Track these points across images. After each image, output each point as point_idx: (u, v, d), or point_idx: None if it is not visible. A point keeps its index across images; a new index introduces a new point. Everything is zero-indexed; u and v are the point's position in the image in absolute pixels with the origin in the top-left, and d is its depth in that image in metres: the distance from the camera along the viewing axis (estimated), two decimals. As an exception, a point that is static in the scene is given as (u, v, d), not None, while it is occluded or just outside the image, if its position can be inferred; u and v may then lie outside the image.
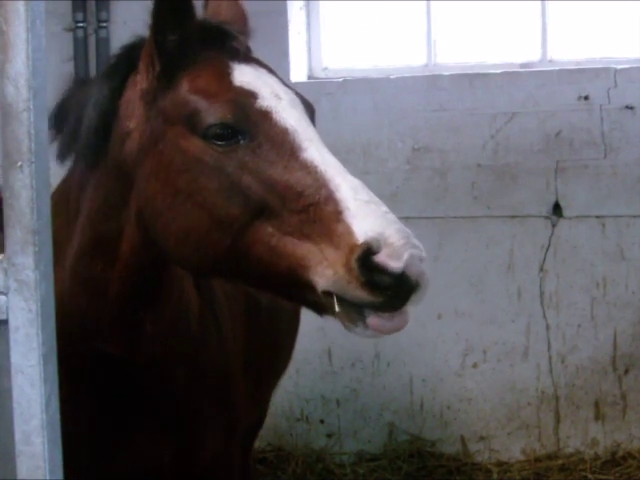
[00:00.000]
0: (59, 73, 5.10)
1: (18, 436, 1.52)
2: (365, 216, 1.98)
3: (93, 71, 5.24)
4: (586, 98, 4.94)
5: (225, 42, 2.32)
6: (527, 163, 5.01)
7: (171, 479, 2.66)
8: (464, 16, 5.34)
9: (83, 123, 2.36)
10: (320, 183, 2.04)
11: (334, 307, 2.00)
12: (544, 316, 5.05)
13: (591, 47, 5.21)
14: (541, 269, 5.05)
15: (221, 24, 2.38)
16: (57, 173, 2.43)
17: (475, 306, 5.10)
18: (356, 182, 2.07)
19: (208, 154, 2.14)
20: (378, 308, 1.97)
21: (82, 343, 2.44)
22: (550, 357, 5.06)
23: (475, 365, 5.14)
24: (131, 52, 2.39)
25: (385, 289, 1.93)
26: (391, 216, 2.00)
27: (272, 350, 3.36)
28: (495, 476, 4.98)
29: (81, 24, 5.30)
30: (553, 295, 5.04)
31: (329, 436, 5.29)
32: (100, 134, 2.33)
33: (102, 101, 2.33)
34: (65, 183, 2.56)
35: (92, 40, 5.32)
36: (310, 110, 2.31)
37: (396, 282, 1.92)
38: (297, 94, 2.30)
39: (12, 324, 1.51)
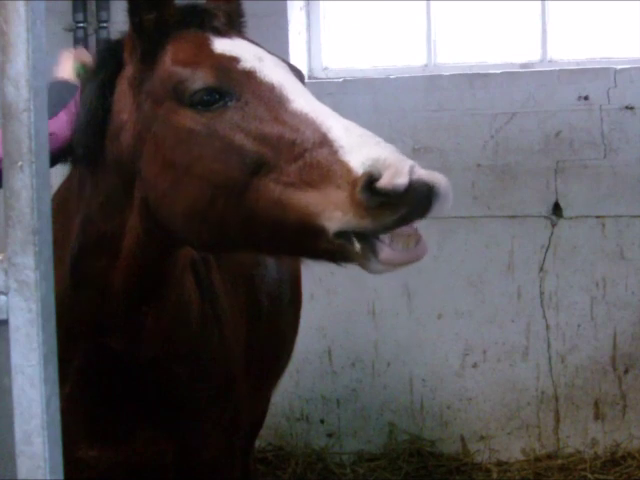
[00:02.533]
0: (59, 73, 5.11)
1: (18, 436, 1.52)
2: (360, 148, 1.95)
3: (93, 71, 5.24)
4: (586, 98, 4.94)
5: (205, 21, 2.32)
6: (527, 163, 5.02)
7: (173, 478, 2.66)
8: (464, 16, 5.34)
9: (75, 122, 2.36)
10: (312, 128, 2.02)
11: (351, 248, 1.95)
12: (544, 316, 5.06)
13: (591, 47, 5.21)
14: (541, 269, 5.05)
15: (200, 4, 2.39)
16: (57, 173, 2.43)
17: (475, 306, 5.10)
18: (348, 122, 2.04)
19: (198, 122, 2.13)
20: (404, 221, 1.90)
21: (86, 341, 2.45)
22: (550, 357, 5.06)
23: (475, 365, 5.14)
24: (117, 47, 2.39)
25: (400, 202, 1.88)
26: (385, 143, 1.98)
27: (273, 349, 3.36)
28: (495, 476, 4.98)
29: (81, 24, 5.30)
30: (553, 295, 5.04)
31: (329, 436, 5.30)
32: (93, 132, 2.32)
33: (91, 98, 2.34)
34: (66, 183, 2.57)
35: (92, 40, 5.33)
36: (299, 75, 2.31)
37: (408, 193, 1.88)
38: (284, 60, 2.31)
39: (12, 324, 1.51)
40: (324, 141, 1.99)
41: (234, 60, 2.19)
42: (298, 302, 3.73)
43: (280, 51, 5.05)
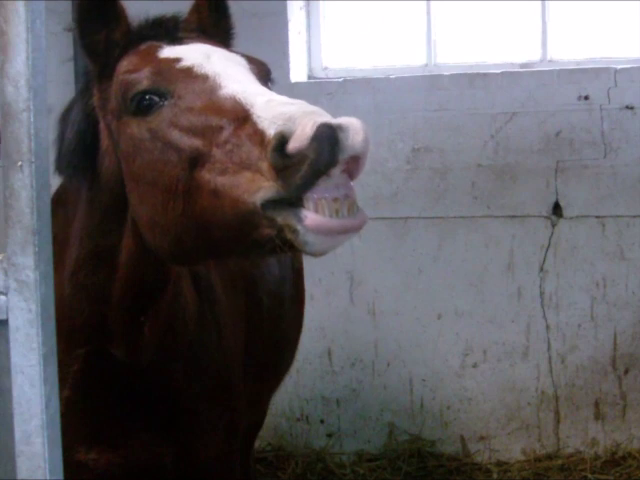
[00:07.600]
0: (59, 73, 5.10)
1: (18, 436, 1.52)
2: (272, 112, 1.90)
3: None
4: (586, 98, 4.94)
5: (165, 33, 2.31)
6: (527, 163, 5.02)
7: (172, 479, 2.66)
8: (464, 16, 5.34)
9: (64, 142, 2.36)
10: (237, 109, 1.97)
11: (276, 222, 1.86)
12: (544, 316, 5.05)
13: (591, 47, 5.21)
14: (541, 269, 5.05)
15: (166, 16, 2.37)
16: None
17: (475, 306, 5.10)
18: (275, 95, 1.99)
19: (144, 129, 2.12)
20: (315, 171, 1.80)
21: (85, 346, 2.45)
22: (550, 357, 5.06)
23: (475, 365, 5.14)
24: None
25: (305, 156, 1.79)
26: (301, 102, 1.91)
27: (274, 349, 3.35)
28: (495, 476, 4.98)
29: (81, 24, 5.29)
30: (553, 295, 5.04)
31: (329, 436, 5.29)
32: (81, 154, 2.31)
33: (78, 121, 2.33)
34: (65, 185, 2.56)
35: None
36: (263, 70, 2.26)
37: (311, 142, 1.79)
38: (245, 55, 2.26)
39: (12, 324, 1.51)
40: (247, 117, 1.94)
41: (174, 61, 2.17)
42: (301, 301, 3.72)
43: (280, 51, 5.09)
